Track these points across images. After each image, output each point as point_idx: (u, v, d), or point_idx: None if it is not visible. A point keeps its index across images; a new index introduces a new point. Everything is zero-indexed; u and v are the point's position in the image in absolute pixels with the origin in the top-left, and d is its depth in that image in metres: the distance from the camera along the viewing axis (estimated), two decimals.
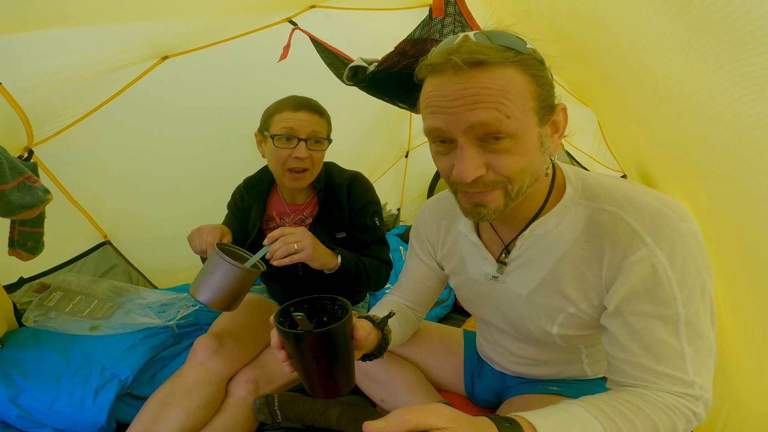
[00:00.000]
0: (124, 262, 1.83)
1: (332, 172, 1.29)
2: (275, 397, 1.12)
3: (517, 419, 0.56)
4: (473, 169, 0.60)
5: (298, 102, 1.14)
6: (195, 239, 1.04)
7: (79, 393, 1.13)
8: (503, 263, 0.80)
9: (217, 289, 0.93)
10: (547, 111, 0.62)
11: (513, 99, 0.58)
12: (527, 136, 0.60)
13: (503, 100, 0.57)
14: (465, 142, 0.60)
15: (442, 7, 1.13)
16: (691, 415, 0.62)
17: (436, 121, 0.62)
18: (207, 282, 0.94)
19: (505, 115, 0.58)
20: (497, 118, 0.58)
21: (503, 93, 0.57)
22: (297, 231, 1.01)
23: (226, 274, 0.93)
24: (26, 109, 1.24)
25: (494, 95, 0.57)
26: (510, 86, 0.58)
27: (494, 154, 0.60)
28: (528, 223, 0.74)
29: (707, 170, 0.73)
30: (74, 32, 1.13)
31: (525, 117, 0.59)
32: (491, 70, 0.58)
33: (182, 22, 1.31)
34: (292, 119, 1.12)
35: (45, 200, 1.13)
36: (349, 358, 0.69)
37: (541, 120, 0.62)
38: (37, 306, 1.39)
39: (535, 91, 0.60)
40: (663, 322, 0.62)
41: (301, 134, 1.12)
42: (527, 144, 0.61)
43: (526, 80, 0.59)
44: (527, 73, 0.59)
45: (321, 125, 1.15)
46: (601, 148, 2.48)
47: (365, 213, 1.26)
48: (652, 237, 0.62)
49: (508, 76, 0.58)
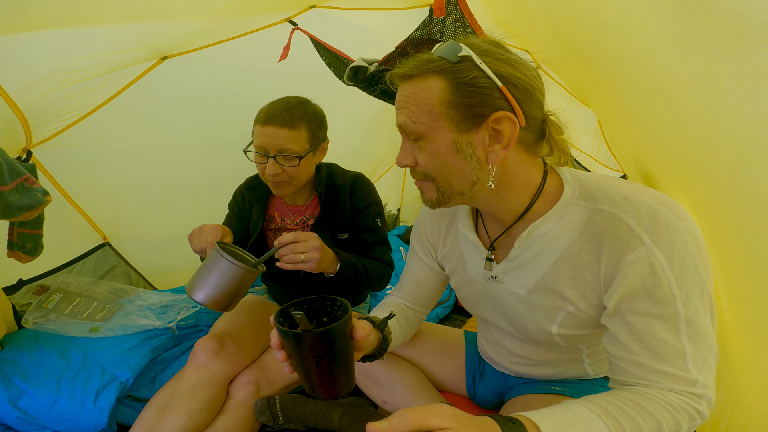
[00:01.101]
0: (123, 263, 1.83)
1: (334, 173, 1.28)
2: (277, 399, 1.12)
3: (520, 419, 0.56)
4: (401, 157, 0.73)
5: (269, 114, 1.09)
6: (195, 238, 1.03)
7: (79, 395, 1.12)
8: (489, 260, 0.81)
9: (215, 287, 0.90)
10: (470, 117, 0.65)
11: (420, 105, 0.66)
12: (435, 140, 0.67)
13: (412, 106, 0.67)
14: (402, 137, 0.73)
15: (443, 6, 1.13)
16: (695, 414, 0.61)
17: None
18: (205, 280, 0.91)
19: (411, 120, 0.68)
20: (405, 122, 0.69)
21: (414, 100, 0.67)
22: (308, 242, 0.98)
23: (226, 272, 0.90)
24: (25, 110, 1.23)
25: (407, 102, 0.68)
26: (422, 94, 0.66)
27: (418, 150, 0.71)
28: (513, 223, 0.75)
29: (709, 170, 0.73)
30: (73, 33, 1.13)
31: (433, 122, 0.66)
32: (413, 81, 0.68)
33: (181, 23, 1.31)
34: (261, 135, 1.08)
35: (44, 202, 1.12)
36: (349, 358, 0.69)
37: (457, 126, 0.66)
38: (37, 308, 1.38)
39: (448, 99, 0.65)
40: (663, 321, 0.62)
41: (269, 151, 1.08)
42: (436, 146, 0.68)
43: (442, 88, 0.65)
44: (447, 81, 0.65)
45: (292, 139, 1.08)
46: (602, 148, 2.48)
47: (368, 214, 1.25)
48: (650, 236, 0.62)
49: (425, 84, 0.66)
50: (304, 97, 1.18)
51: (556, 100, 1.83)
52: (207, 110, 1.75)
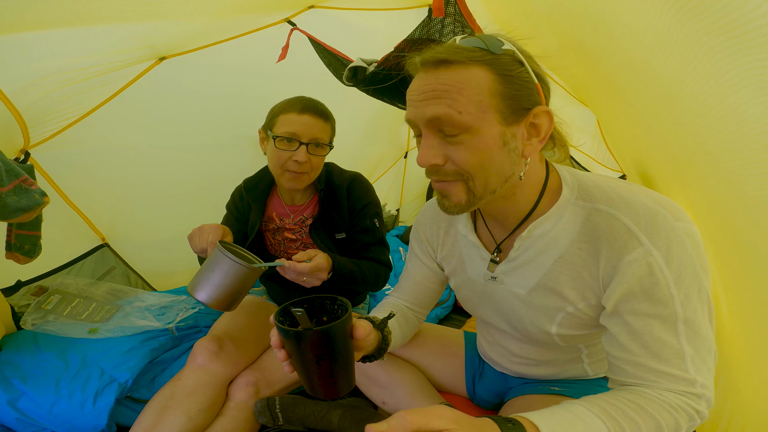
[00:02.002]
0: (122, 264, 1.82)
1: (332, 172, 1.29)
2: (276, 400, 1.12)
3: (520, 420, 0.56)
4: (430, 156, 0.66)
5: (305, 104, 1.12)
6: (196, 238, 1.03)
7: (78, 396, 1.12)
8: (494, 262, 0.81)
9: (218, 287, 0.91)
10: (517, 111, 0.64)
11: (468, 95, 0.62)
12: (484, 133, 0.63)
13: (457, 96, 0.62)
14: (426, 132, 0.66)
15: (442, 7, 1.13)
16: (694, 414, 0.62)
17: (408, 113, 0.68)
18: (207, 279, 0.91)
19: (456, 111, 0.62)
20: (447, 113, 0.62)
21: (458, 89, 0.62)
22: (320, 273, 1.01)
23: (228, 271, 0.90)
24: (22, 111, 1.23)
25: (449, 91, 0.62)
26: (468, 83, 0.62)
27: (452, 146, 0.65)
28: (520, 223, 0.74)
29: (709, 172, 0.73)
30: (70, 33, 1.12)
31: (482, 113, 0.62)
32: (453, 69, 0.62)
33: (180, 23, 1.30)
34: (296, 122, 1.10)
35: (42, 203, 1.12)
36: (349, 357, 0.69)
37: (505, 119, 0.63)
38: (36, 309, 1.38)
39: (498, 89, 0.62)
40: (661, 321, 0.62)
41: (303, 138, 1.10)
42: (484, 140, 0.63)
43: (491, 78, 0.62)
44: (494, 71, 0.62)
45: (324, 130, 1.14)
46: (601, 148, 2.48)
47: (365, 214, 1.25)
48: (648, 236, 0.62)
49: (469, 74, 0.62)
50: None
51: (554, 100, 1.84)
52: (206, 111, 1.75)
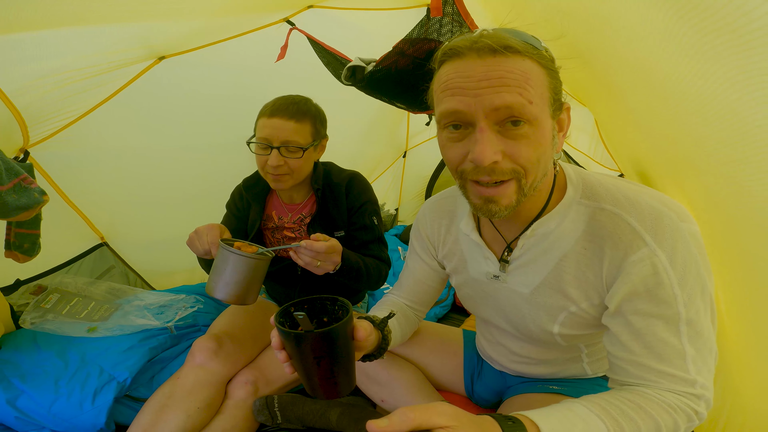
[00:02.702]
0: (121, 263, 1.82)
1: (331, 171, 1.29)
2: (275, 399, 1.12)
3: (520, 418, 0.56)
4: (491, 152, 0.59)
5: (276, 107, 1.12)
6: (195, 242, 1.04)
7: (77, 395, 1.12)
8: (506, 262, 0.80)
9: (233, 283, 0.94)
10: (557, 106, 0.65)
11: (534, 86, 0.60)
12: (544, 125, 0.62)
13: (526, 85, 0.59)
14: (485, 125, 0.60)
15: (440, 6, 1.13)
16: (693, 414, 0.62)
17: (457, 103, 0.60)
18: (221, 278, 0.94)
19: (528, 100, 0.59)
20: (520, 102, 0.58)
21: (526, 79, 0.59)
22: (335, 256, 0.99)
23: (237, 266, 0.93)
24: (22, 110, 1.23)
25: (518, 80, 0.58)
26: (531, 74, 0.60)
27: (512, 140, 0.60)
28: (532, 221, 0.74)
29: (706, 170, 0.73)
30: (70, 33, 1.13)
31: (543, 106, 0.61)
32: (514, 58, 0.59)
33: (179, 23, 1.30)
34: (267, 126, 1.10)
35: (41, 202, 1.12)
36: (350, 358, 0.69)
37: (553, 113, 0.64)
38: (35, 308, 1.38)
39: (550, 84, 0.62)
40: (664, 321, 0.62)
41: (273, 142, 1.10)
42: (543, 133, 0.62)
43: (543, 72, 0.62)
44: (543, 66, 0.62)
45: (297, 131, 1.11)
46: (599, 147, 2.49)
47: (363, 212, 1.26)
48: (653, 237, 0.62)
49: (528, 65, 0.60)
50: (307, 96, 1.20)
51: None
52: (205, 110, 1.75)
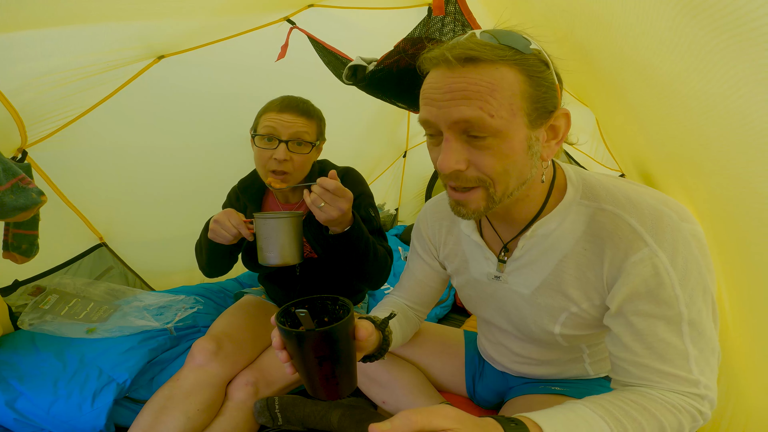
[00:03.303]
0: (120, 264, 1.81)
1: (325, 168, 1.28)
2: (276, 400, 1.11)
3: (523, 420, 0.56)
4: (453, 162, 0.62)
5: (286, 102, 1.12)
6: (220, 230, 1.05)
7: (76, 397, 1.12)
8: (503, 262, 0.80)
9: (284, 246, 1.01)
10: (542, 114, 0.62)
11: (500, 97, 0.58)
12: (512, 137, 0.60)
13: (489, 98, 0.58)
14: (450, 135, 0.62)
15: (442, 5, 1.12)
16: (697, 414, 0.61)
17: (426, 113, 0.63)
18: (273, 244, 1.01)
19: (488, 114, 0.58)
20: (479, 116, 0.58)
21: (490, 91, 0.58)
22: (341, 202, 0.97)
23: (282, 227, 1.00)
24: (19, 109, 1.22)
25: (481, 92, 0.58)
26: (500, 84, 0.58)
27: (477, 150, 0.61)
28: (529, 223, 0.74)
29: (712, 171, 0.72)
30: (68, 32, 1.12)
31: (512, 117, 0.59)
32: (483, 67, 0.58)
33: (178, 22, 1.30)
34: (275, 119, 1.10)
35: (39, 202, 1.11)
36: (351, 358, 0.68)
37: (531, 122, 0.61)
38: (33, 309, 1.37)
39: (527, 92, 0.60)
40: (666, 322, 0.62)
41: (282, 135, 1.09)
42: (511, 144, 0.60)
43: (520, 80, 0.59)
44: (524, 73, 0.59)
45: (306, 127, 1.12)
46: (600, 147, 2.48)
47: (359, 205, 1.24)
48: (654, 237, 0.62)
49: (500, 74, 0.58)
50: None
51: None
52: (204, 110, 1.74)
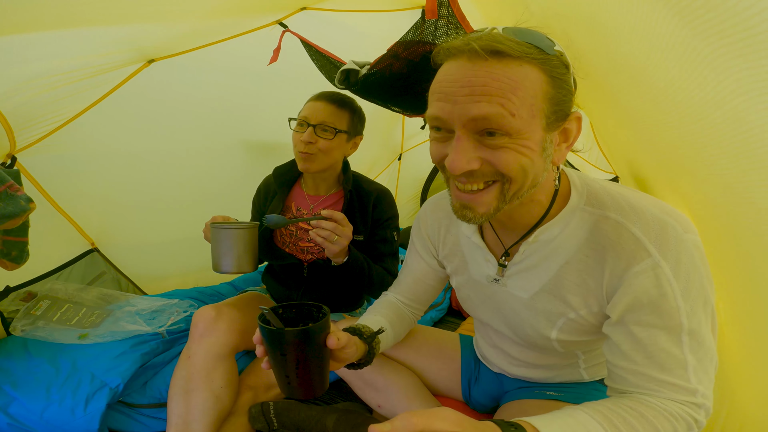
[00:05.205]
0: (112, 269, 1.79)
1: (361, 179, 1.35)
2: (270, 405, 1.11)
3: (522, 424, 0.56)
4: (465, 162, 0.59)
5: (323, 94, 1.25)
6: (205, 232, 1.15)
7: (69, 402, 1.11)
8: (503, 266, 0.80)
9: (225, 255, 1.09)
10: (559, 117, 0.61)
11: (522, 96, 0.56)
12: (529, 138, 0.58)
13: (511, 95, 0.55)
14: (462, 134, 0.59)
15: (435, 8, 1.12)
16: (693, 423, 0.62)
17: (437, 110, 0.60)
18: (216, 253, 1.09)
19: (510, 112, 0.56)
20: (500, 114, 0.56)
21: (513, 89, 0.56)
22: (347, 229, 1.06)
23: (226, 238, 1.08)
24: (7, 114, 1.20)
25: (503, 89, 0.55)
26: (523, 83, 0.56)
27: (490, 149, 0.59)
28: (531, 228, 0.73)
29: (706, 178, 0.72)
30: (57, 35, 1.10)
31: (531, 118, 0.57)
32: (507, 63, 0.56)
33: (169, 25, 1.28)
34: (309, 107, 1.23)
35: (28, 209, 1.10)
36: (319, 362, 0.70)
37: (549, 125, 0.60)
38: (25, 315, 1.36)
39: (549, 93, 0.58)
40: (666, 332, 0.62)
41: (311, 120, 1.20)
42: (528, 145, 0.59)
43: (543, 80, 0.57)
44: (547, 73, 0.58)
45: (335, 115, 1.21)
46: (594, 149, 2.49)
47: (387, 226, 1.33)
48: (657, 247, 0.61)
49: (524, 72, 0.56)
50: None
51: None
52: (196, 114, 1.73)
